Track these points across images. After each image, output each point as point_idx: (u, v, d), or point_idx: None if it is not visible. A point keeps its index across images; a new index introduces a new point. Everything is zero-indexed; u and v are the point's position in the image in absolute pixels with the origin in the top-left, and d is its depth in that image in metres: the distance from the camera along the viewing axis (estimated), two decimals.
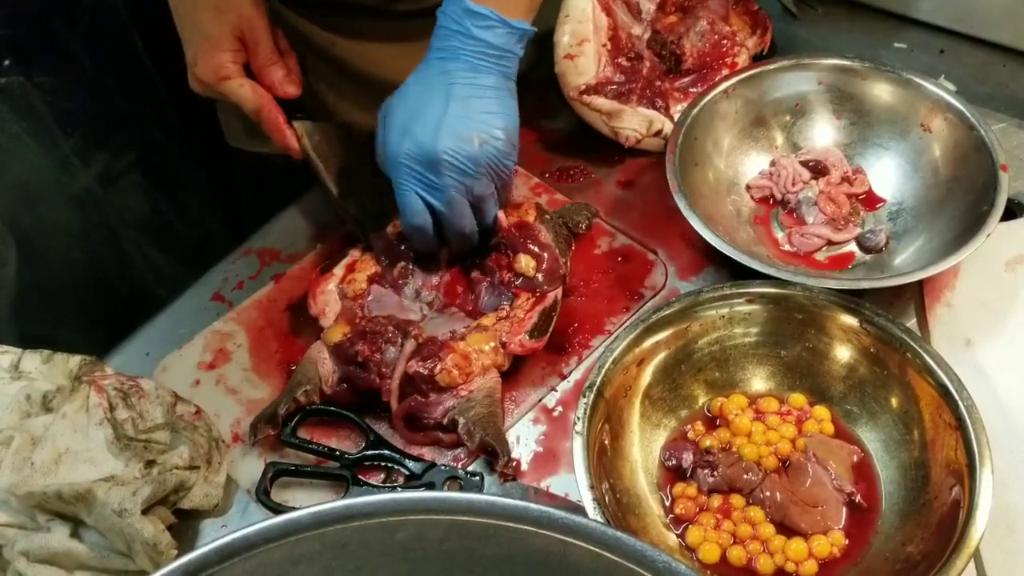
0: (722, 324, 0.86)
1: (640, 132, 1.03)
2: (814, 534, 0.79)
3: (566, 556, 0.63)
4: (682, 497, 0.82)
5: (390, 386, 0.86)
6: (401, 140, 0.89)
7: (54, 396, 0.91)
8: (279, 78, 0.98)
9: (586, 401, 0.80)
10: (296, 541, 0.66)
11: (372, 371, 0.87)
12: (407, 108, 0.90)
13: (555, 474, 0.86)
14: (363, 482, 0.85)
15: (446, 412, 0.85)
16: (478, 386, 0.86)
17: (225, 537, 0.64)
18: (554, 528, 0.63)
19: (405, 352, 0.87)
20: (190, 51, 0.98)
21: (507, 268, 0.93)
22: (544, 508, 0.63)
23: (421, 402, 0.86)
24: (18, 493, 0.83)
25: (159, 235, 1.65)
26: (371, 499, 0.65)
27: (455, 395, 0.86)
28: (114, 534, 0.81)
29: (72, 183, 1.52)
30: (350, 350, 0.87)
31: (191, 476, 0.86)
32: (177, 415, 0.90)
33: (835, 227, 0.96)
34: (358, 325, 0.89)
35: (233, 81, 0.97)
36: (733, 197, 0.99)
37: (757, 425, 0.84)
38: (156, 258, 1.64)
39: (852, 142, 1.01)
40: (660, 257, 0.98)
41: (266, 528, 0.65)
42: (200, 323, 0.99)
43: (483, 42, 0.89)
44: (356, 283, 0.93)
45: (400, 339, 0.88)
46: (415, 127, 0.88)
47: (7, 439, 0.87)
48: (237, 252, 1.05)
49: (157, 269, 1.63)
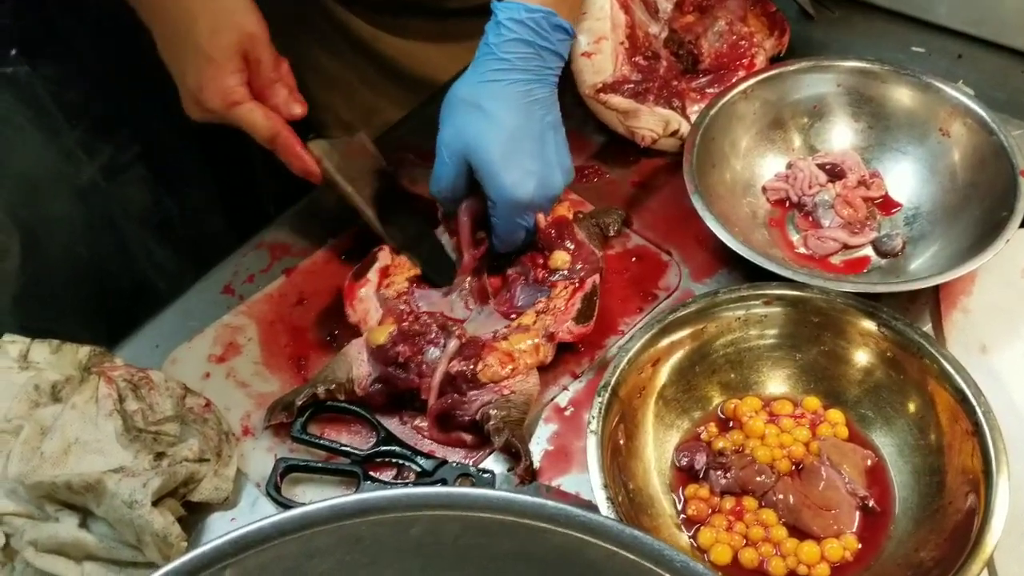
0: (738, 326, 0.86)
1: (656, 132, 1.02)
2: (826, 538, 0.78)
3: (582, 554, 0.63)
4: (694, 498, 0.81)
5: (430, 384, 0.86)
6: (525, 180, 0.87)
7: (63, 386, 0.90)
8: (283, 99, 0.94)
9: (601, 400, 0.80)
10: (311, 535, 0.66)
11: (412, 371, 0.87)
12: (514, 144, 0.87)
13: (567, 473, 0.85)
14: (374, 479, 0.84)
15: (481, 407, 0.85)
16: (519, 388, 0.86)
17: (240, 529, 0.63)
18: (571, 526, 0.63)
19: (448, 351, 0.86)
20: (191, 77, 0.92)
21: (542, 267, 0.93)
22: (561, 505, 0.63)
23: (458, 399, 0.85)
24: (27, 483, 0.83)
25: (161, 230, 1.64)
26: (387, 493, 0.65)
27: (495, 391, 0.85)
28: (124, 525, 0.81)
29: (76, 175, 1.51)
30: (391, 351, 0.87)
31: (201, 469, 0.86)
32: (187, 407, 0.90)
33: (851, 231, 0.95)
34: (405, 323, 0.89)
35: (244, 107, 0.92)
36: (749, 199, 0.99)
37: (771, 428, 0.84)
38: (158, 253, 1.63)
39: (869, 145, 1.01)
40: (674, 258, 0.97)
41: (281, 521, 0.65)
42: (210, 316, 0.98)
43: (561, 59, 0.89)
44: (395, 285, 0.93)
45: (443, 340, 0.87)
46: (534, 166, 0.88)
47: (16, 428, 0.87)
48: (248, 245, 1.05)
49: (159, 264, 1.62)
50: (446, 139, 0.89)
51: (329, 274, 1.00)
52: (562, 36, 0.87)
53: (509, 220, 0.90)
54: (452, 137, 0.88)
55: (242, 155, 1.69)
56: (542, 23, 0.86)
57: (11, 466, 0.85)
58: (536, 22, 0.86)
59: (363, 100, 1.31)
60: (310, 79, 1.31)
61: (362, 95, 1.31)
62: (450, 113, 0.89)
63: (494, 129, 0.87)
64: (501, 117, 0.87)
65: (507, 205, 0.89)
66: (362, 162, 1.01)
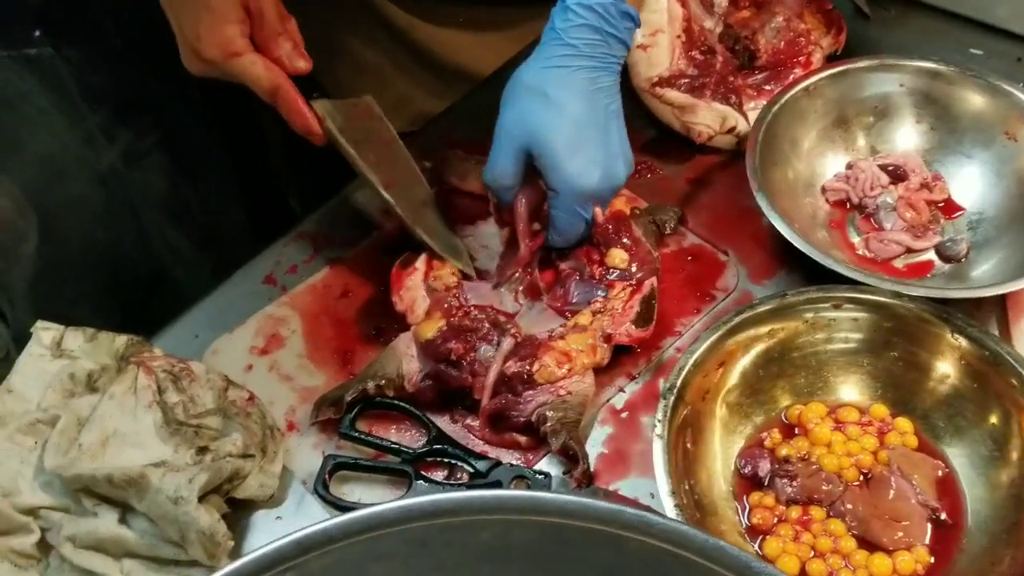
0: (805, 329, 0.83)
1: (713, 128, 1.00)
2: (897, 550, 0.76)
3: (662, 564, 0.60)
4: (759, 507, 0.79)
5: (483, 384, 0.83)
6: (589, 170, 0.85)
7: (99, 376, 0.87)
8: (287, 51, 0.90)
9: (666, 403, 0.77)
10: (377, 537, 0.63)
11: (464, 369, 0.84)
12: (579, 132, 0.85)
13: (624, 477, 0.82)
14: (426, 479, 0.82)
15: (537, 408, 0.82)
16: (576, 389, 0.83)
17: (304, 530, 0.61)
18: (651, 534, 0.60)
19: (503, 350, 0.84)
20: (189, 26, 0.88)
21: (598, 263, 0.90)
22: (641, 513, 0.60)
23: (512, 400, 0.82)
24: (65, 475, 0.80)
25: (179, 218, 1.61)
26: (459, 496, 0.62)
27: (551, 392, 0.82)
28: (167, 522, 0.78)
29: (97, 160, 1.48)
30: (442, 347, 0.84)
31: (246, 465, 0.83)
32: (229, 400, 0.87)
33: (914, 234, 0.93)
34: (454, 318, 0.86)
35: (244, 58, 0.88)
36: (808, 199, 0.96)
37: (837, 435, 0.81)
38: (175, 241, 1.60)
39: (931, 147, 0.98)
40: (731, 258, 0.95)
41: (347, 522, 0.62)
42: (251, 307, 0.95)
43: (626, 47, 0.87)
44: (444, 277, 0.90)
45: (496, 337, 0.85)
46: (598, 155, 0.86)
47: (52, 418, 0.84)
48: (289, 235, 1.02)
49: (176, 252, 1.59)
50: (507, 126, 0.86)
51: (373, 267, 0.97)
52: (628, 24, 0.85)
53: (570, 211, 0.87)
54: (514, 124, 0.85)
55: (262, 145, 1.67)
56: (610, 9, 0.84)
57: (48, 457, 0.82)
58: (604, 8, 0.83)
59: (396, 89, 1.28)
60: (341, 66, 1.28)
61: (395, 84, 1.28)
62: (513, 99, 0.86)
63: (559, 117, 0.84)
64: (567, 104, 0.84)
65: (571, 195, 0.86)
66: (368, 125, 0.97)
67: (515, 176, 0.87)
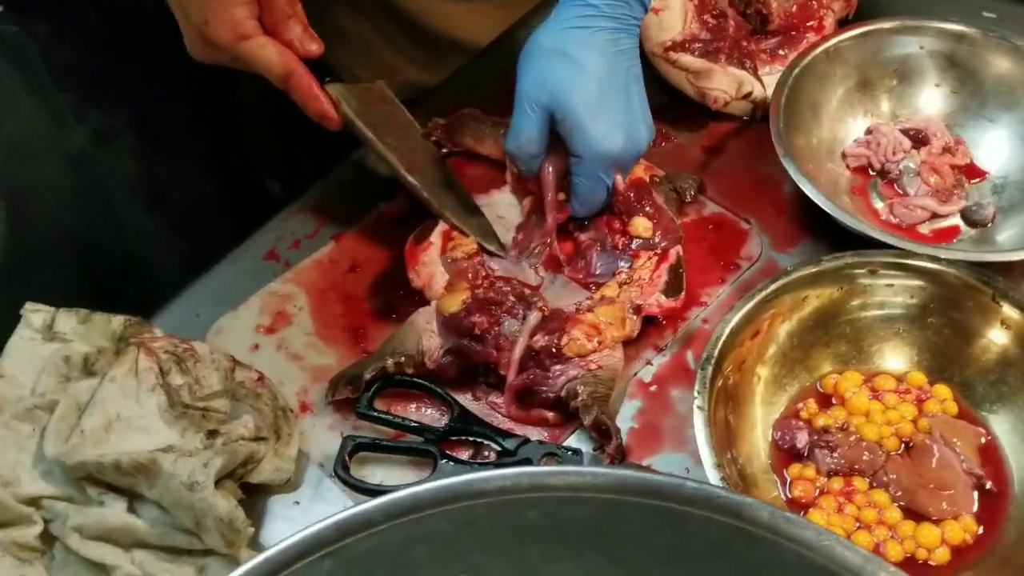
0: (840, 297, 0.80)
1: (729, 94, 0.97)
2: (943, 519, 0.74)
3: (728, 542, 0.57)
4: (800, 479, 0.76)
5: (509, 359, 0.79)
6: (613, 133, 0.83)
7: (96, 359, 0.83)
8: (298, 34, 0.86)
9: (704, 375, 0.75)
10: (420, 519, 0.59)
11: (489, 344, 0.80)
12: (602, 93, 0.82)
13: (657, 452, 0.79)
14: (452, 458, 0.78)
15: (567, 383, 0.79)
16: (606, 363, 0.80)
17: (342, 513, 0.57)
18: (713, 509, 0.57)
19: (529, 324, 0.80)
20: (196, 9, 0.84)
21: (620, 232, 0.87)
22: (702, 485, 0.57)
23: (541, 375, 0.79)
24: (68, 463, 0.75)
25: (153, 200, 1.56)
26: (505, 473, 0.59)
27: (581, 366, 0.79)
28: (181, 509, 0.73)
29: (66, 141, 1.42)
30: (466, 321, 0.80)
31: (260, 448, 0.78)
32: (237, 381, 0.82)
33: (940, 199, 0.91)
34: (479, 289, 0.82)
35: (254, 41, 0.84)
36: (830, 165, 0.94)
37: (875, 404, 0.79)
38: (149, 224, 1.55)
39: (953, 111, 0.96)
40: (754, 226, 0.92)
41: (388, 504, 0.59)
42: (254, 284, 0.91)
43: (645, 8, 0.84)
44: (464, 245, 0.86)
45: (522, 310, 0.81)
46: (621, 118, 0.83)
47: (50, 404, 0.79)
48: (291, 209, 0.97)
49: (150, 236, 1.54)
50: (528, 89, 0.82)
51: (382, 240, 0.93)
52: None
53: (594, 177, 0.84)
54: (535, 86, 0.82)
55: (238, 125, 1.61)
56: None
57: (48, 445, 0.77)
58: None
59: (382, 59, 1.24)
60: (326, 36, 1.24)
61: (381, 54, 1.24)
62: (532, 61, 0.83)
63: (582, 77, 0.81)
64: (589, 65, 0.81)
65: (594, 159, 0.83)
66: (383, 108, 0.94)
67: (541, 143, 0.83)
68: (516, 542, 0.61)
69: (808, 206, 0.91)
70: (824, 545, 0.53)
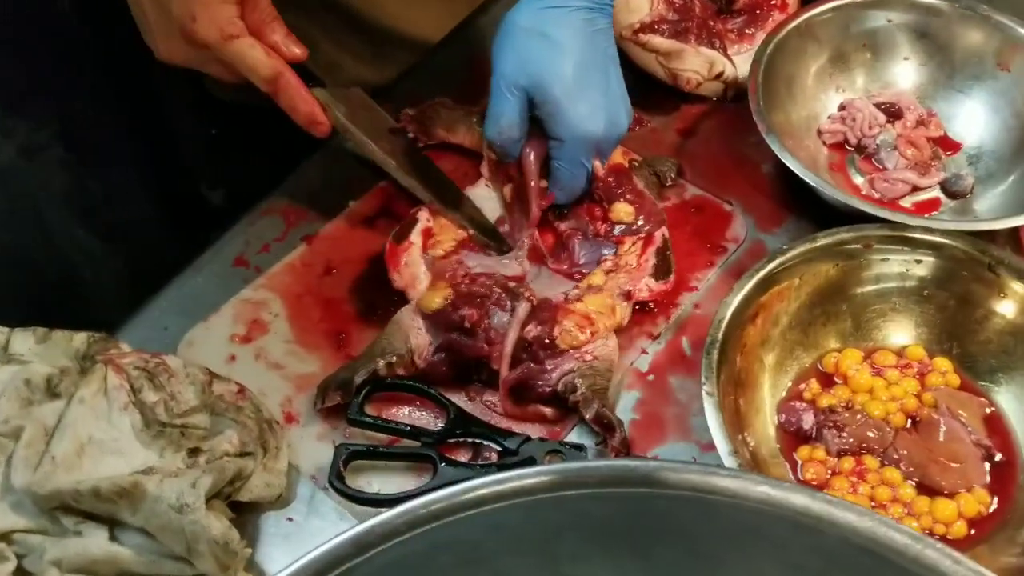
0: (836, 273, 0.79)
1: (701, 74, 0.95)
2: (957, 493, 0.73)
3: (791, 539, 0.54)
4: (811, 461, 0.75)
5: (501, 352, 0.76)
6: (595, 115, 0.80)
7: (60, 380, 0.77)
8: (281, 37, 0.83)
9: (710, 359, 0.73)
10: (445, 525, 0.56)
11: (479, 338, 0.77)
12: (582, 74, 0.79)
13: (661, 443, 0.77)
14: (453, 461, 0.74)
15: (563, 376, 0.76)
16: (601, 353, 0.77)
17: (361, 525, 0.54)
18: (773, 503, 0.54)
19: (519, 316, 0.77)
20: (179, 6, 0.80)
21: (601, 219, 0.84)
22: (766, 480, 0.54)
23: (535, 369, 0.76)
24: (41, 493, 0.70)
25: (85, 214, 1.50)
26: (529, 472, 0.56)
27: (577, 358, 0.76)
28: (170, 534, 0.69)
29: None
30: (454, 315, 0.77)
31: (248, 464, 0.74)
32: (216, 395, 0.78)
33: (919, 172, 0.90)
34: (460, 286, 0.79)
35: (242, 41, 0.80)
36: (807, 142, 0.93)
37: (878, 381, 0.78)
38: (82, 239, 1.49)
39: (923, 83, 0.96)
40: (736, 207, 0.90)
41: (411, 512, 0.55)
42: (224, 292, 0.86)
43: None
44: (443, 243, 0.83)
45: (509, 302, 0.78)
46: (601, 100, 0.81)
47: (14, 430, 0.74)
48: (254, 212, 0.92)
49: (84, 251, 1.48)
50: (507, 71, 0.79)
51: (356, 240, 0.89)
52: None
53: (574, 162, 0.82)
54: (514, 68, 0.79)
55: (169, 131, 1.56)
56: None
57: (16, 475, 0.72)
58: None
59: (325, 55, 1.20)
60: None
61: (324, 50, 1.20)
62: (510, 43, 0.80)
63: (562, 58, 0.79)
64: (568, 46, 0.79)
65: (575, 143, 0.81)
66: (368, 114, 0.91)
67: (522, 127, 0.81)
68: (544, 543, 0.58)
69: (790, 184, 0.90)
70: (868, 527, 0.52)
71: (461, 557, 0.57)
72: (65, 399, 0.75)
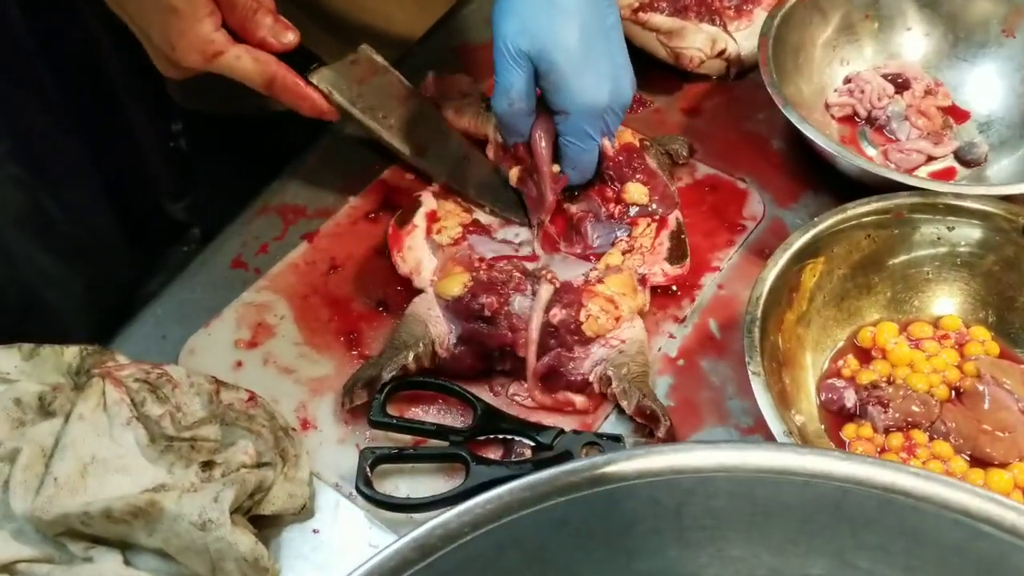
0: (868, 244, 0.77)
1: (704, 52, 0.92)
2: (1010, 463, 0.71)
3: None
4: (858, 439, 0.72)
5: (526, 339, 0.72)
6: (600, 83, 0.77)
7: (53, 397, 0.72)
8: (269, 27, 0.79)
9: (752, 338, 0.69)
10: (509, 523, 0.52)
11: (502, 325, 0.73)
12: (587, 40, 0.75)
13: (699, 428, 0.74)
14: (485, 460, 0.70)
15: (596, 365, 0.72)
16: (629, 336, 0.74)
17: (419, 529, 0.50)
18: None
19: (541, 299, 0.73)
20: (159, 35, 0.76)
21: (614, 200, 0.81)
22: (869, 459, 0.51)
23: (566, 356, 0.72)
24: (46, 518, 0.65)
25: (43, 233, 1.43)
26: (590, 462, 0.52)
27: (606, 345, 0.72)
28: (192, 554, 0.64)
29: None
30: (474, 303, 0.73)
31: (268, 474, 0.69)
32: (225, 404, 0.73)
33: (933, 141, 0.88)
34: (478, 272, 0.75)
35: (228, 55, 0.77)
36: (815, 116, 0.90)
37: (917, 353, 0.75)
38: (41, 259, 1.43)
39: (927, 53, 0.94)
40: (750, 184, 0.88)
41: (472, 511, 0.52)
42: (224, 296, 0.81)
43: None
44: (449, 229, 0.79)
45: (529, 285, 0.74)
46: (606, 68, 0.77)
47: (9, 453, 0.68)
48: (250, 211, 0.88)
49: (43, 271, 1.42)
50: (510, 36, 0.75)
51: (359, 235, 0.85)
52: None
53: (581, 134, 0.78)
54: (518, 33, 0.75)
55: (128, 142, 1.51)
56: None
57: (15, 500, 0.66)
58: None
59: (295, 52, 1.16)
60: None
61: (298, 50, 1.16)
62: (511, 7, 0.75)
63: (567, 23, 0.75)
64: (571, 9, 0.75)
65: (582, 114, 0.77)
66: (375, 82, 0.86)
67: (532, 98, 0.77)
68: (613, 537, 0.55)
69: (803, 158, 0.87)
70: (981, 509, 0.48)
71: (529, 554, 0.54)
72: (61, 417, 0.70)
